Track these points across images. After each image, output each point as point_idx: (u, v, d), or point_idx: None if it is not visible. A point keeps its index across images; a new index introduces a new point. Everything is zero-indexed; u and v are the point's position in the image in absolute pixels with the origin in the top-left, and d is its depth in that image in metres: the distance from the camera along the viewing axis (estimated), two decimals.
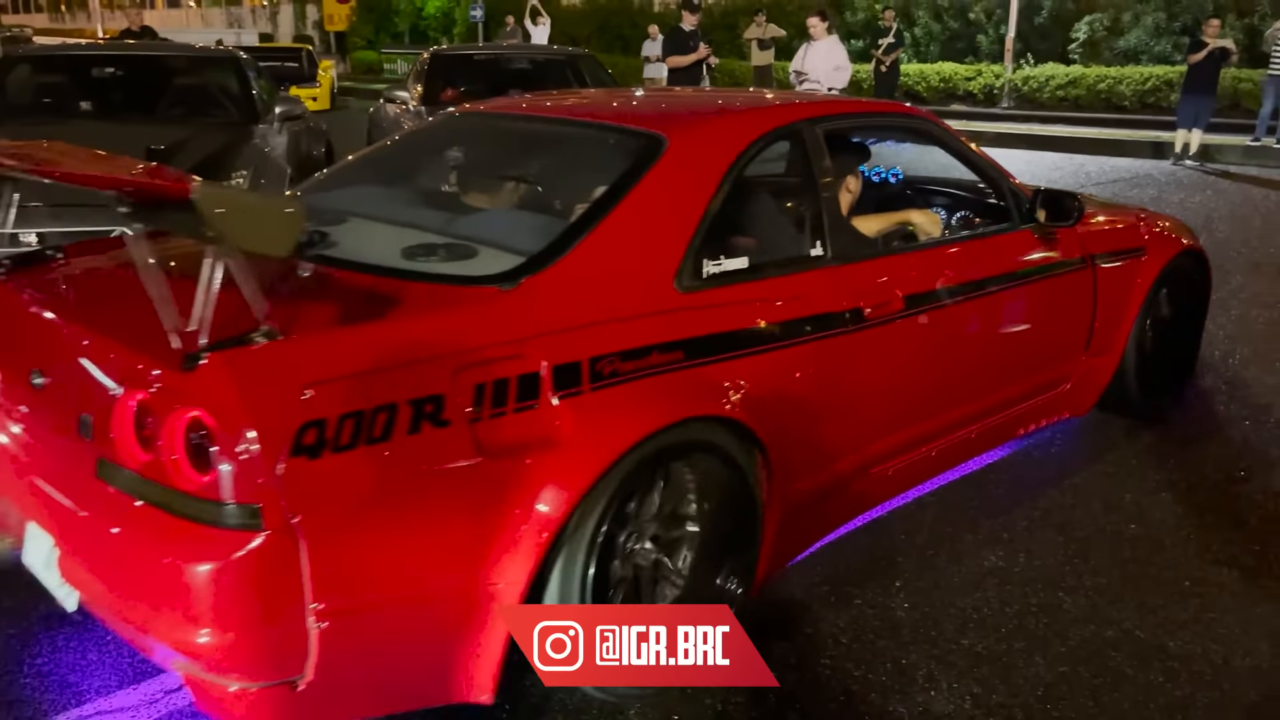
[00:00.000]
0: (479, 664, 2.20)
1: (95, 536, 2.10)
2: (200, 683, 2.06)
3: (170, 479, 1.95)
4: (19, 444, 2.41)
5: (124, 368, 2.07)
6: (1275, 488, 3.62)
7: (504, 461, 2.12)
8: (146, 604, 2.00)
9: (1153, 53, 17.75)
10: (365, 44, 34.51)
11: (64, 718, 2.40)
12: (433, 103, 7.93)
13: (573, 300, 2.35)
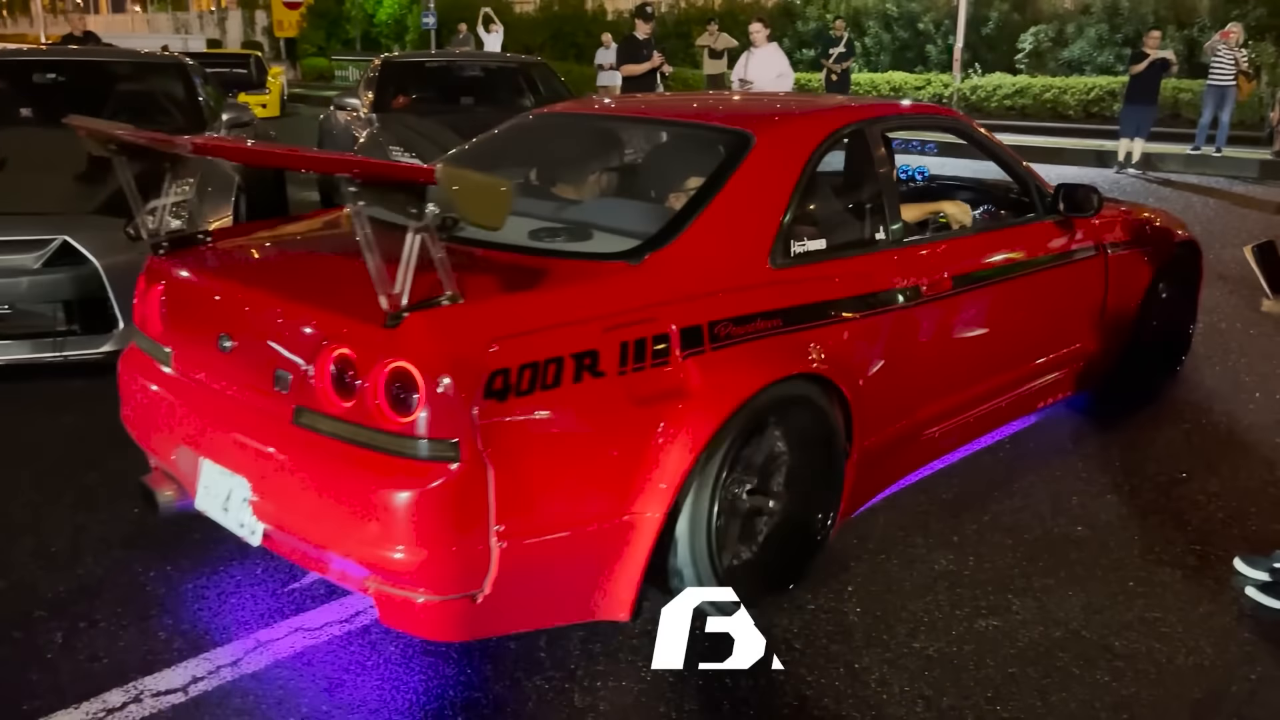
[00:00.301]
0: (621, 585, 2.56)
1: (294, 476, 2.45)
2: (390, 598, 2.39)
3: (374, 421, 2.28)
4: (208, 401, 2.73)
5: (326, 328, 2.40)
6: (1214, 489, 3.70)
7: (646, 408, 2.49)
8: (346, 530, 2.33)
9: (1096, 63, 18.14)
10: (316, 50, 34.18)
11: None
12: (384, 110, 7.87)
13: (688, 275, 2.72)
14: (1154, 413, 4.47)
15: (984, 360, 3.68)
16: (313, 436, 2.42)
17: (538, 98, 8.63)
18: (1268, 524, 3.43)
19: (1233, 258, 7.11)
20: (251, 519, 2.56)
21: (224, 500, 2.64)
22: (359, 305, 2.32)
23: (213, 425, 2.70)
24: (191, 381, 2.82)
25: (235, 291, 2.78)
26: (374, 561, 2.33)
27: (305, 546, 2.53)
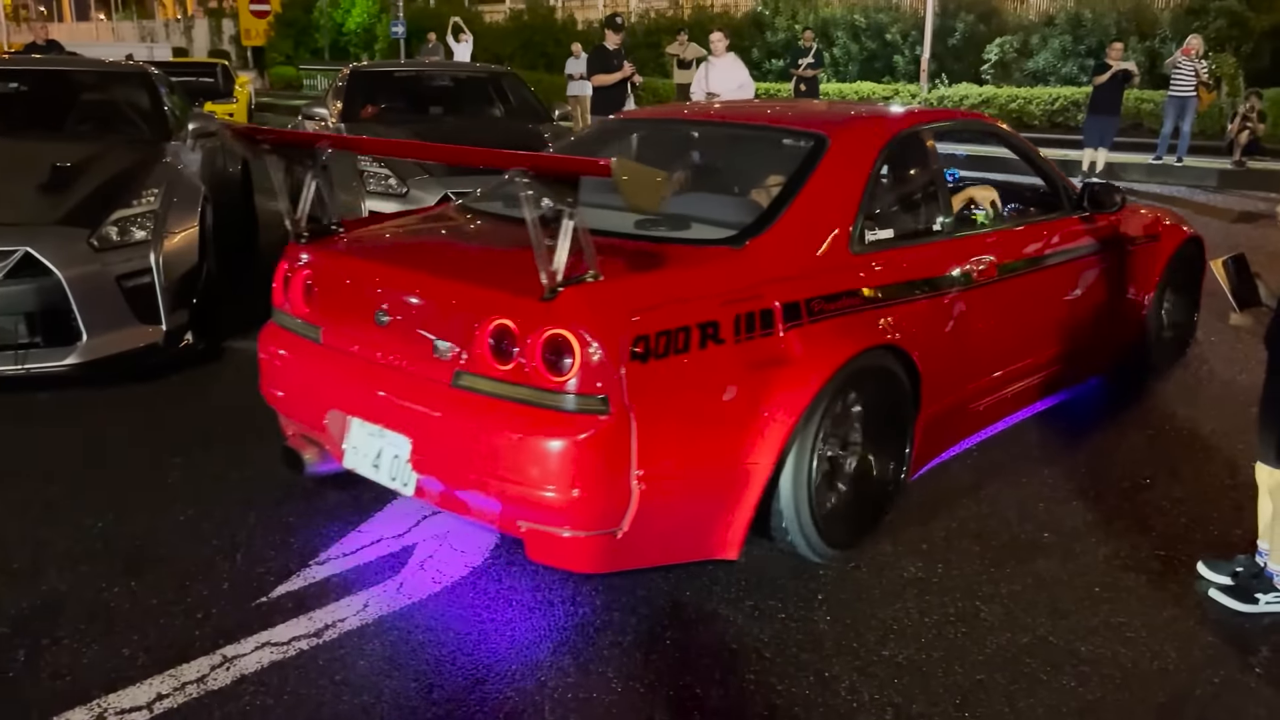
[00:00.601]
0: (733, 527, 2.95)
1: (454, 431, 2.82)
2: (540, 535, 2.77)
3: (532, 380, 2.66)
4: (362, 370, 3.08)
5: (485, 303, 2.78)
6: (1177, 494, 3.75)
7: (759, 372, 2.90)
8: (504, 476, 2.70)
9: (1060, 74, 18.37)
10: (284, 59, 33.98)
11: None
12: (352, 120, 7.82)
13: (783, 259, 3.13)
14: (1119, 419, 4.53)
15: (1022, 341, 4.10)
16: (472, 396, 2.78)
17: (507, 108, 8.64)
18: (1229, 528, 3.48)
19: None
20: (405, 472, 2.95)
21: (374, 458, 3.05)
22: (512, 283, 2.79)
23: (367, 391, 3.05)
24: (345, 353, 3.17)
25: (391, 273, 3.17)
26: (529, 502, 2.70)
27: (459, 493, 2.90)
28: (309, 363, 3.30)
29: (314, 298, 3.30)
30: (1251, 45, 16.50)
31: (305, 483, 3.73)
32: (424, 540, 3.33)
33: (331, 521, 3.45)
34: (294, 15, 34.72)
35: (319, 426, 3.27)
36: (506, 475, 2.71)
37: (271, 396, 3.52)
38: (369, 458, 3.06)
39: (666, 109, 5.13)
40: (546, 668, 2.65)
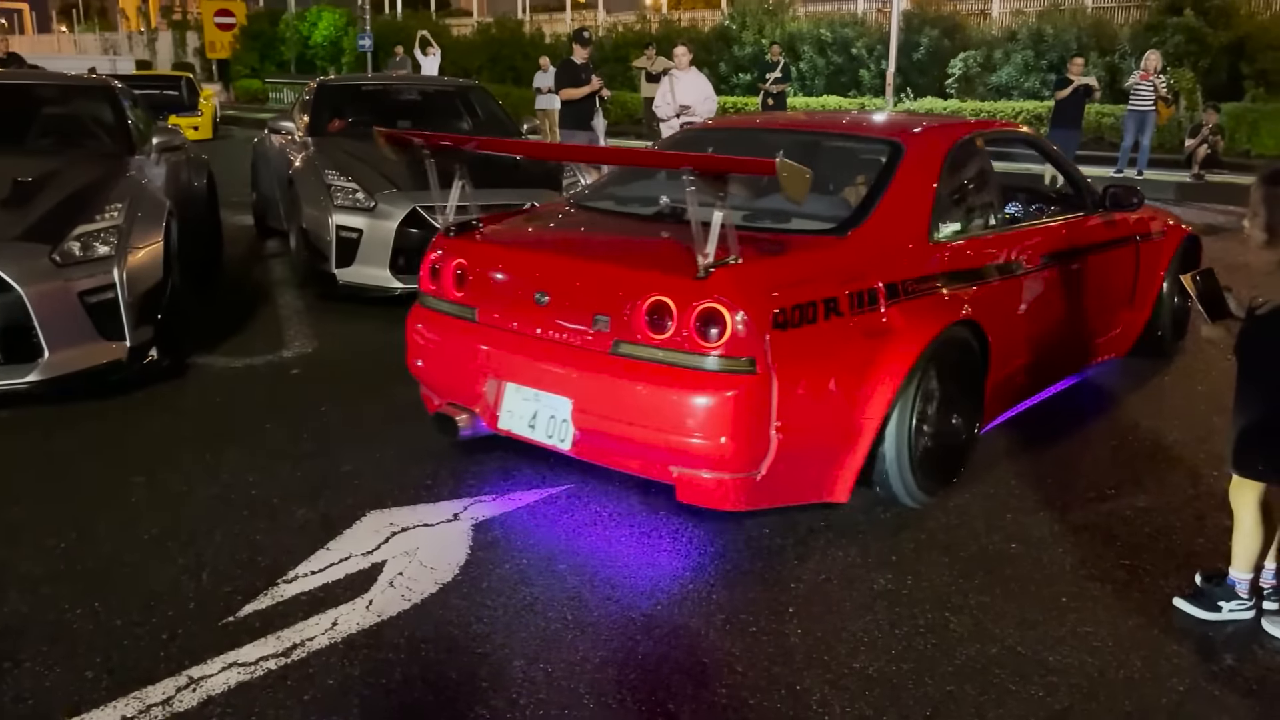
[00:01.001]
0: (846, 474, 3.47)
1: (614, 392, 3.31)
2: (691, 479, 3.30)
3: (687, 346, 3.18)
4: (521, 342, 3.58)
5: (643, 283, 3.29)
6: (1141, 504, 3.80)
7: (871, 341, 3.42)
8: (660, 429, 3.21)
9: (1023, 88, 18.61)
10: (249, 72, 33.74)
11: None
12: (319, 133, 7.79)
13: (878, 247, 3.67)
14: (1084, 430, 4.58)
15: (1061, 320, 4.58)
16: (631, 362, 3.28)
17: (475, 121, 8.63)
18: (1192, 537, 3.53)
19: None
20: (563, 430, 3.46)
21: (529, 419, 3.56)
22: (662, 266, 3.35)
23: (525, 361, 3.56)
24: (502, 330, 3.66)
25: (549, 260, 3.73)
26: (683, 451, 3.22)
27: (616, 446, 3.41)
28: (464, 339, 3.80)
29: (468, 283, 3.83)
30: (1209, 61, 16.81)
31: (272, 500, 3.70)
32: (394, 557, 3.30)
33: (300, 539, 3.42)
34: (260, 28, 34.49)
35: (472, 396, 3.76)
36: (663, 427, 3.22)
37: (419, 371, 4.06)
38: (525, 419, 3.59)
39: (743, 120, 6.35)
40: (518, 683, 2.64)
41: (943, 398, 3.73)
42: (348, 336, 5.99)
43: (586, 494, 3.80)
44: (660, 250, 3.58)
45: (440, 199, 4.14)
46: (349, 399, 4.86)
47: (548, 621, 2.94)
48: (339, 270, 6.50)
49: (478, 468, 4.04)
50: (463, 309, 3.81)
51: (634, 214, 4.24)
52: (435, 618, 2.96)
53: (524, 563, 3.28)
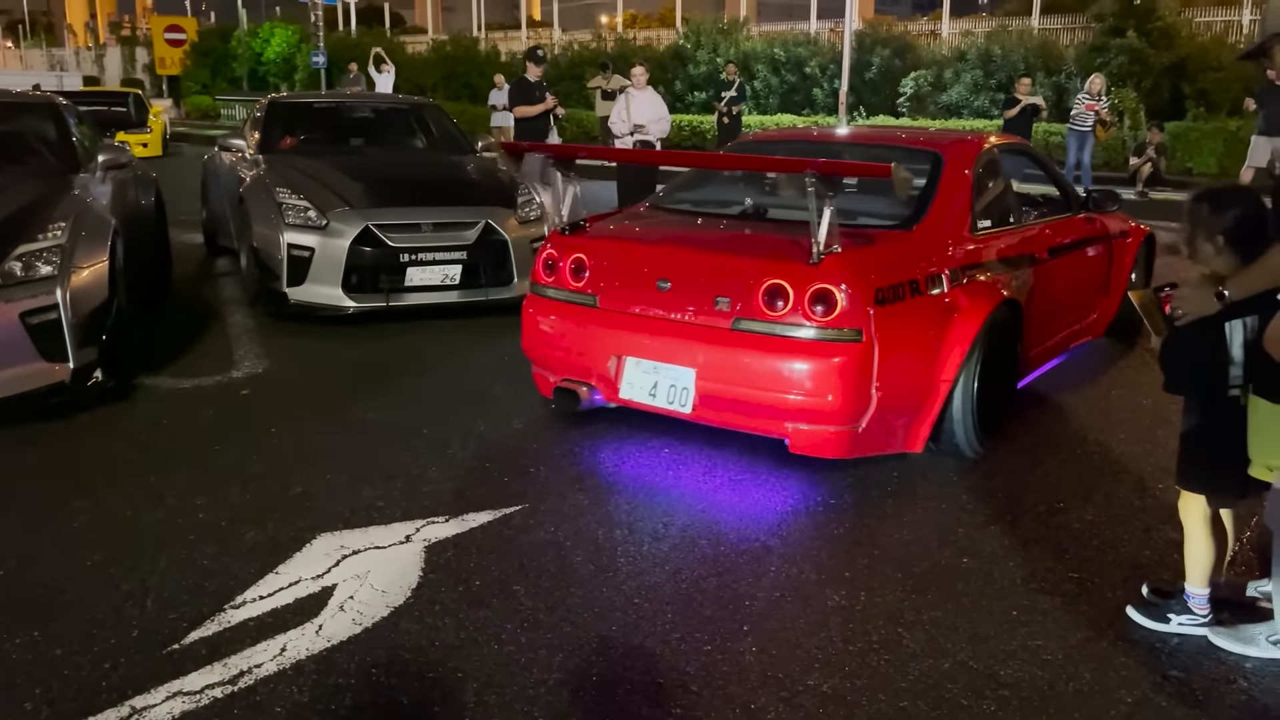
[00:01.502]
0: (923, 427, 4.17)
1: (735, 362, 3.95)
2: (803, 433, 3.97)
3: (802, 321, 3.83)
4: (642, 324, 4.20)
5: (761, 268, 3.95)
6: (1090, 517, 3.85)
7: (941, 316, 4.12)
8: (777, 392, 3.87)
9: (972, 107, 18.92)
10: (200, 88, 33.37)
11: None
12: (270, 151, 7.70)
13: (936, 238, 4.38)
14: (1032, 445, 4.64)
15: (1063, 302, 5.32)
16: (751, 335, 3.92)
17: (429, 139, 8.60)
18: (1139, 550, 3.58)
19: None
20: (682, 396, 4.07)
21: (650, 389, 4.16)
22: (775, 255, 4.06)
23: (647, 339, 4.18)
24: (624, 313, 4.26)
25: (670, 253, 4.37)
26: (797, 409, 3.88)
27: (734, 408, 4.05)
28: (585, 322, 4.38)
29: (587, 274, 4.39)
30: (1152, 81, 17.19)
31: (220, 523, 3.64)
32: (344, 580, 3.26)
33: (248, 563, 3.36)
34: (211, 44, 34.16)
35: (591, 372, 4.36)
36: (781, 389, 3.86)
37: (536, 353, 4.65)
38: (645, 390, 4.19)
39: (797, 132, 8.06)
40: (471, 708, 2.60)
41: (993, 364, 4.41)
42: (299, 356, 5.92)
43: (540, 515, 3.78)
44: (766, 242, 4.33)
45: (553, 201, 4.84)
46: (300, 419, 4.80)
47: (501, 645, 2.91)
48: (290, 289, 6.43)
49: (431, 488, 4.00)
50: (583, 296, 4.40)
51: (720, 214, 5.04)
52: (387, 642, 2.91)
53: (477, 585, 3.25)
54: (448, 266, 6.56)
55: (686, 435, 4.59)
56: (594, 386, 4.37)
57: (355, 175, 6.96)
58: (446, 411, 4.94)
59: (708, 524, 3.73)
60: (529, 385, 5.22)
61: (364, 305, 6.46)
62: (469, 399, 5.13)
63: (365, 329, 6.44)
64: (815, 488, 4.07)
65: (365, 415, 4.88)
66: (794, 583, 3.30)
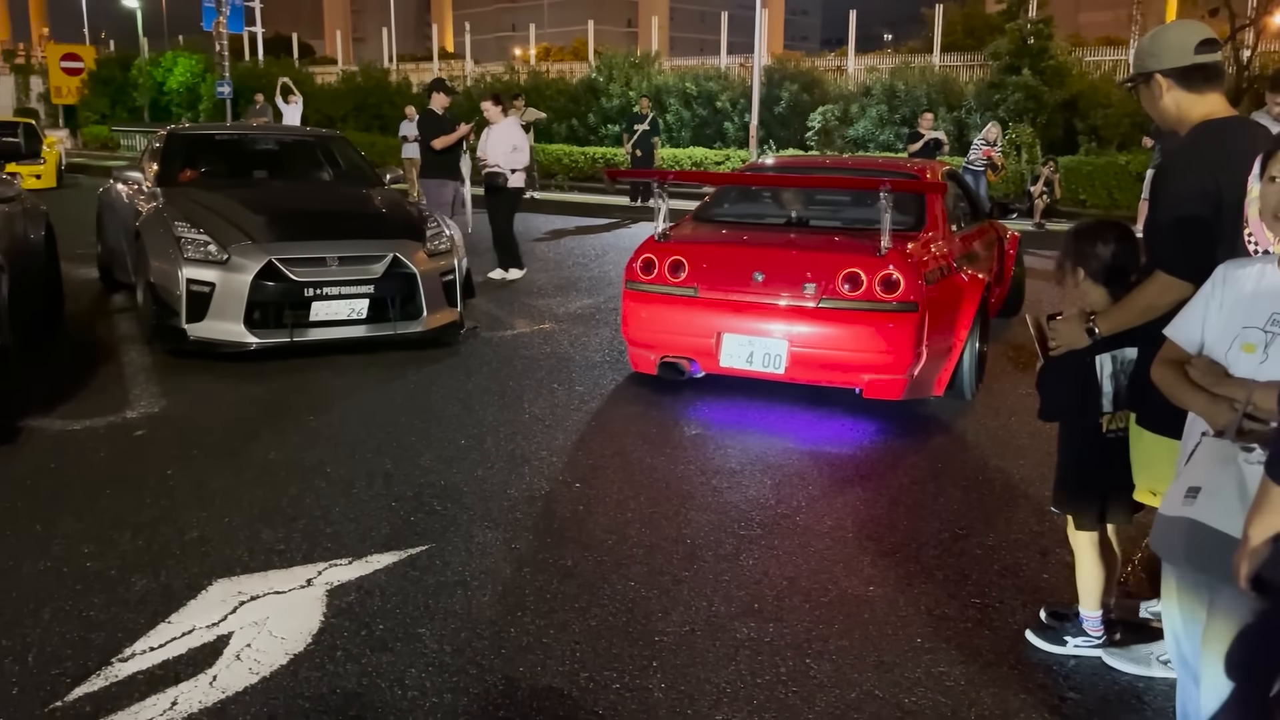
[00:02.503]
0: (944, 376, 5.49)
1: (821, 331, 5.24)
2: (874, 382, 5.25)
3: (874, 298, 5.10)
4: (738, 308, 5.40)
5: (841, 260, 5.23)
6: (990, 542, 3.94)
7: (954, 294, 5.49)
8: (855, 352, 5.20)
9: (878, 141, 19.42)
10: (99, 118, 32.41)
11: None
12: (169, 183, 7.49)
13: (935, 238, 5.73)
14: (935, 473, 4.73)
15: (994, 286, 6.62)
16: (834, 310, 5.21)
17: (336, 171, 8.48)
18: (1038, 573, 3.67)
19: (1005, 325, 7.69)
20: (775, 361, 5.33)
21: (746, 357, 5.40)
22: (845, 250, 5.39)
23: (744, 318, 5.43)
24: (723, 299, 5.48)
25: (763, 251, 5.61)
26: (870, 364, 5.21)
27: (820, 367, 5.34)
28: (687, 309, 5.58)
29: (686, 271, 5.59)
30: (1046, 116, 17.89)
31: (109, 572, 3.50)
32: (241, 628, 3.15)
33: (138, 613, 3.22)
34: (111, 73, 33.23)
35: (691, 349, 5.60)
36: (858, 350, 5.24)
37: (638, 337, 5.85)
38: (743, 358, 5.43)
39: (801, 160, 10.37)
40: None
41: (981, 330, 5.89)
42: (198, 394, 5.74)
43: (447, 554, 3.71)
44: (831, 242, 5.70)
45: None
46: (198, 460, 4.65)
47: (405, 689, 2.84)
48: (189, 325, 6.25)
49: (334, 530, 3.90)
50: (685, 289, 5.57)
51: (772, 223, 6.41)
52: (285, 690, 2.82)
53: (381, 628, 3.17)
54: (354, 301, 6.45)
55: (598, 470, 4.58)
56: (694, 360, 5.61)
57: (258, 208, 6.81)
58: (351, 449, 4.83)
59: (617, 559, 3.70)
60: (436, 421, 5.14)
61: (267, 341, 6.31)
62: (374, 436, 5.04)
63: (268, 365, 6.29)
64: (724, 520, 4.08)
65: (267, 455, 4.74)
66: (703, 616, 3.29)
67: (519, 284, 9.67)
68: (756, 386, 5.77)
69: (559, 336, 7.39)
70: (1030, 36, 18.63)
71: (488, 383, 6.07)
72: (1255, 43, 16.06)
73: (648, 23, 30.72)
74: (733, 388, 5.96)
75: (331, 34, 43.58)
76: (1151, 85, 2.83)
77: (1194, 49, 2.76)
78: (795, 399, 5.80)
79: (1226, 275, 2.10)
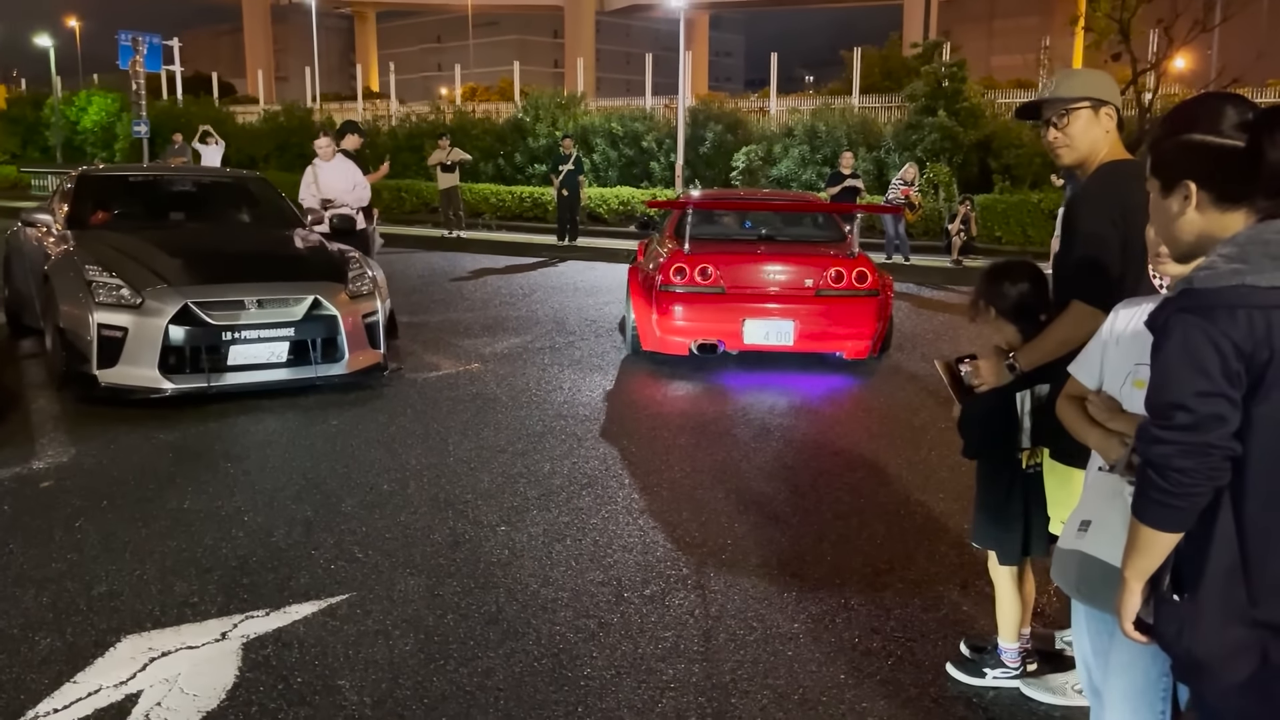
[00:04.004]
0: (878, 343, 7.81)
1: (818, 315, 7.48)
2: (853, 347, 7.55)
3: (852, 287, 7.54)
4: (755, 299, 7.49)
5: (828, 260, 7.67)
6: (913, 576, 3.99)
7: (887, 282, 8.06)
8: (842, 326, 7.53)
9: (800, 180, 19.79)
10: (9, 158, 31.53)
11: None
12: (80, 226, 7.29)
13: (851, 246, 8.43)
14: (859, 508, 4.79)
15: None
16: (827, 298, 7.43)
17: (254, 212, 8.34)
18: (958, 606, 3.72)
19: (927, 362, 7.86)
20: (786, 337, 7.33)
21: (764, 335, 7.32)
22: (828, 254, 7.82)
23: (761, 306, 7.42)
24: (745, 294, 7.44)
25: (775, 259, 7.69)
26: (850, 335, 7.47)
27: (817, 338, 7.43)
28: (717, 304, 7.43)
29: (714, 275, 7.46)
30: (961, 156, 18.45)
31: (11, 631, 3.36)
32: (151, 686, 3.04)
33: (42, 673, 3.09)
34: (21, 111, 32.43)
35: (719, 333, 7.39)
36: (844, 324, 7.40)
37: (672, 327, 7.49)
38: (760, 336, 7.33)
39: (726, 192, 13.41)
40: None
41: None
42: (110, 442, 5.57)
43: (368, 603, 3.64)
44: (812, 249, 8.07)
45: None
46: (108, 511, 4.50)
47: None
48: (101, 371, 6.07)
49: (251, 580, 3.80)
50: (714, 288, 7.48)
51: (752, 238, 8.56)
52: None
53: (299, 681, 3.09)
54: (274, 344, 6.34)
55: (522, 512, 4.55)
56: (722, 341, 7.42)
57: (173, 251, 6.67)
58: (270, 496, 4.72)
59: (543, 603, 3.67)
60: (358, 466, 5.07)
61: (183, 386, 6.16)
62: (294, 482, 4.93)
63: (184, 412, 6.13)
64: (651, 561, 4.08)
65: (182, 504, 4.61)
66: (629, 659, 3.27)
67: (445, 323, 9.60)
68: (692, 408, 5.78)
69: (485, 377, 7.35)
70: (945, 79, 19.24)
71: (412, 425, 6.00)
72: (1156, 86, 16.76)
73: (574, 64, 30.99)
74: (662, 421, 5.97)
75: (253, 73, 43.10)
76: (1100, 115, 2.89)
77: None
78: (724, 437, 5.84)
79: (1119, 314, 2.18)
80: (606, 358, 8.12)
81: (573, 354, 8.24)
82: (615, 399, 6.83)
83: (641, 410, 6.58)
